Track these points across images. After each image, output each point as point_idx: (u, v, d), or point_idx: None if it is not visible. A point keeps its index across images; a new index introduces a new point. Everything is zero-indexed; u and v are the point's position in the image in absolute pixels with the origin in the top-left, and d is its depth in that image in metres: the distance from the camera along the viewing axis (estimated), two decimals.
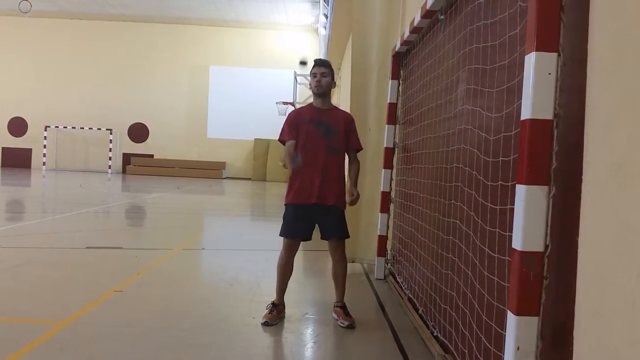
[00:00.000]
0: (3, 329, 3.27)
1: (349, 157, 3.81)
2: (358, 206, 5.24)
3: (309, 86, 3.88)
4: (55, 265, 5.11)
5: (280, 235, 3.67)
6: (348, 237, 3.76)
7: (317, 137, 3.60)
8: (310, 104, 3.81)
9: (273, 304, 3.66)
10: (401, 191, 4.73)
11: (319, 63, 3.77)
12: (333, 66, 3.82)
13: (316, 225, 3.67)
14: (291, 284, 3.76)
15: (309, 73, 3.89)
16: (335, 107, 3.85)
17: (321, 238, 3.69)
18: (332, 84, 3.73)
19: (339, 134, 3.66)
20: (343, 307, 3.69)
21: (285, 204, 3.70)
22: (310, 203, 3.56)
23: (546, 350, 1.71)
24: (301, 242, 3.71)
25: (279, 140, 3.75)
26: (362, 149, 3.86)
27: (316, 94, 3.73)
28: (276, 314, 3.60)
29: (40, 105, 25.76)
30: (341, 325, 3.57)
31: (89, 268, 5.09)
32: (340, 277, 3.74)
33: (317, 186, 3.55)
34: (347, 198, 3.73)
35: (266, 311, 3.62)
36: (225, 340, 3.25)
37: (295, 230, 3.64)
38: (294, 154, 3.53)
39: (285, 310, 3.71)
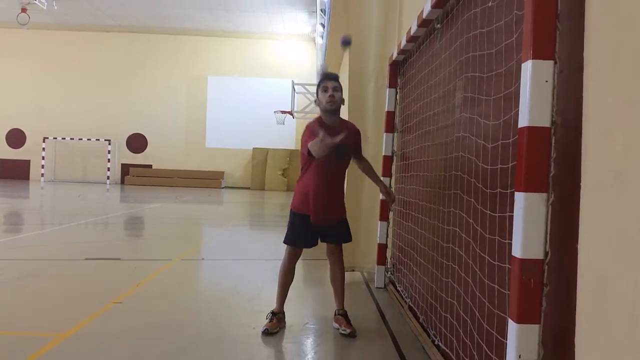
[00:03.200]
0: (3, 342, 3.25)
1: (361, 163, 3.87)
2: (357, 214, 5.27)
3: (316, 102, 3.55)
4: (54, 277, 5.09)
5: (286, 243, 3.66)
6: (351, 240, 3.79)
7: (332, 160, 3.40)
8: (320, 120, 3.49)
9: (273, 312, 3.64)
10: (400, 199, 4.73)
11: (330, 77, 3.47)
12: None
13: None
14: (291, 293, 3.75)
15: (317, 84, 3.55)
16: (342, 120, 3.63)
17: (321, 240, 3.70)
18: (342, 99, 3.49)
19: (349, 152, 3.67)
20: (344, 314, 3.67)
21: (293, 211, 3.63)
22: (326, 225, 3.59)
23: (548, 357, 1.70)
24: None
25: (307, 149, 3.26)
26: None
27: (329, 111, 3.42)
28: (276, 322, 3.58)
29: (38, 117, 25.73)
30: (343, 332, 3.54)
31: (88, 279, 5.08)
32: (338, 281, 3.73)
33: (331, 212, 3.59)
34: (388, 198, 4.04)
35: (266, 320, 3.60)
36: (226, 351, 3.23)
37: (303, 241, 3.65)
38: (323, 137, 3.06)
39: (286, 319, 3.69)
